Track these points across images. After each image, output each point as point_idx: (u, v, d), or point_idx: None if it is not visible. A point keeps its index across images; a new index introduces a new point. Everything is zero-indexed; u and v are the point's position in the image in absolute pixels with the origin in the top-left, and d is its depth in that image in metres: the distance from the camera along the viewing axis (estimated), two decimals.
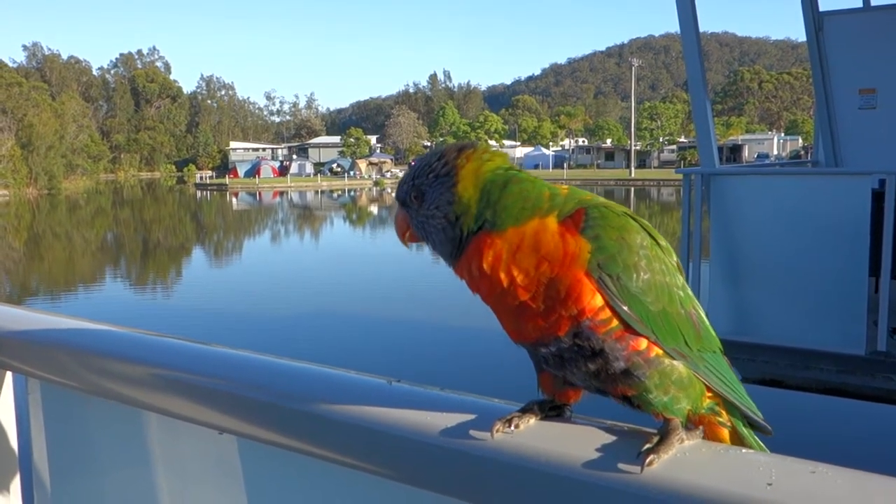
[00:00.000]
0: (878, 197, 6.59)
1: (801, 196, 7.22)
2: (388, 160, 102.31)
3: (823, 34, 11.18)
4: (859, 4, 11.41)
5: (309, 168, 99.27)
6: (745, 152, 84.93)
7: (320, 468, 1.04)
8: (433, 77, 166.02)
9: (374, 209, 58.25)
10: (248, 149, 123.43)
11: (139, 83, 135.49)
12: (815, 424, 8.38)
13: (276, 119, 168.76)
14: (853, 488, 0.71)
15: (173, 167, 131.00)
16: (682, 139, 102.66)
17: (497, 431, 0.87)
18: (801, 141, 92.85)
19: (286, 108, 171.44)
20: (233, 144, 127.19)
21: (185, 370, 1.18)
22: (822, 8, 11.27)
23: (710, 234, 7.28)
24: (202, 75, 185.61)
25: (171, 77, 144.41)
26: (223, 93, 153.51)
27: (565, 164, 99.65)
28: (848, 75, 11.05)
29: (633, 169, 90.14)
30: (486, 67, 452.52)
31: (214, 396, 1.13)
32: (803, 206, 7.07)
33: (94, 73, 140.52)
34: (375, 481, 0.98)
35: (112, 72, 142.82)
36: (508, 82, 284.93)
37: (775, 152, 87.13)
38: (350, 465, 0.99)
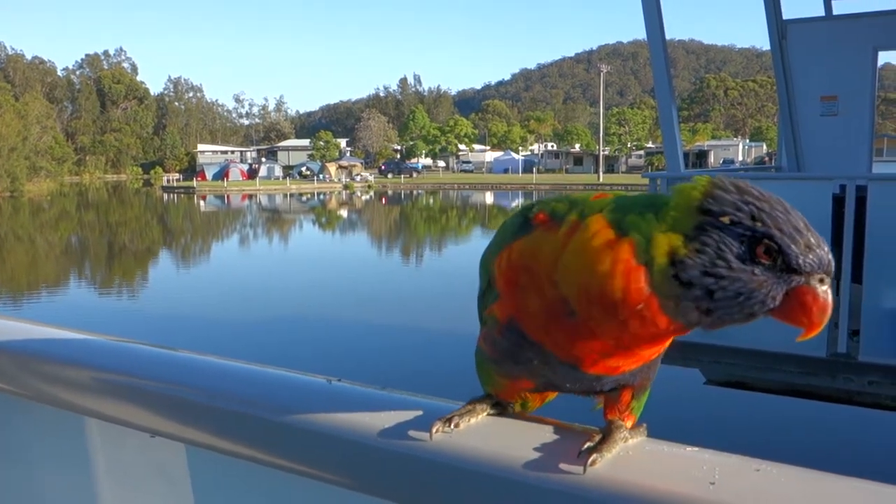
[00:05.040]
0: (838, 201, 6.71)
1: None
2: (358, 163, 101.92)
3: (787, 42, 11.36)
4: (822, 13, 11.62)
5: (278, 171, 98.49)
6: (711, 158, 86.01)
7: (256, 471, 1.00)
8: (403, 81, 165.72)
9: (343, 212, 58.02)
10: (216, 151, 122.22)
11: (105, 84, 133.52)
12: (778, 425, 8.49)
13: (245, 122, 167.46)
14: (798, 486, 0.70)
15: (139, 170, 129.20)
16: (650, 144, 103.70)
17: (436, 432, 0.83)
18: (765, 147, 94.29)
19: (255, 110, 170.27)
20: (201, 147, 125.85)
21: (117, 371, 1.14)
22: (785, 16, 11.46)
23: None
24: (170, 77, 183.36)
25: (138, 78, 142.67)
26: (191, 95, 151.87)
27: (534, 169, 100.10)
28: (810, 82, 11.24)
29: (601, 174, 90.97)
30: (457, 72, 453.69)
31: (147, 398, 1.09)
32: None
33: (59, 73, 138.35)
34: (312, 484, 0.94)
35: (77, 72, 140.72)
36: (479, 87, 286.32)
37: (740, 158, 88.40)
38: (286, 467, 0.96)
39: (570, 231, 0.75)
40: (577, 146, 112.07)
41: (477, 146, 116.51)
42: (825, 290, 0.71)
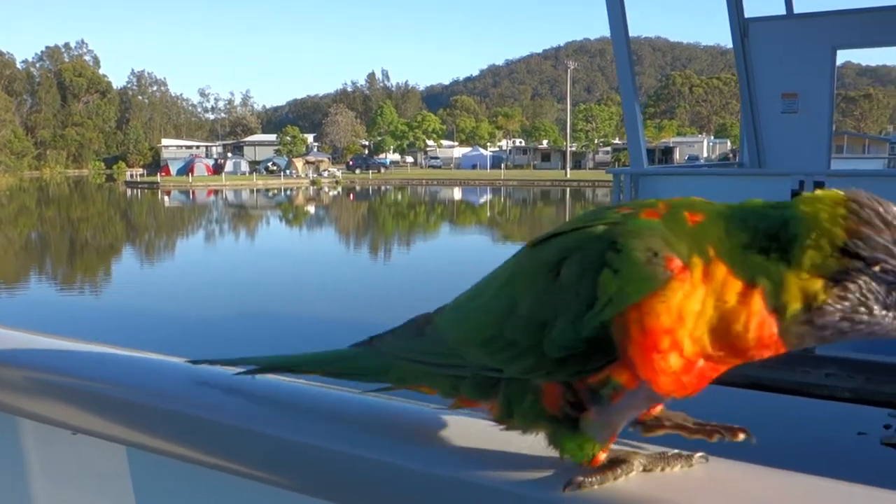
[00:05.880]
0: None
1: (725, 195, 7.37)
2: (326, 159, 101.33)
3: (749, 40, 11.52)
4: (783, 12, 11.81)
5: (244, 166, 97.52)
6: (677, 154, 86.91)
7: (195, 472, 0.97)
8: (371, 76, 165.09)
9: (310, 208, 57.65)
10: (181, 146, 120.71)
11: (66, 77, 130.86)
12: (738, 418, 8.61)
13: (211, 116, 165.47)
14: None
15: (102, 164, 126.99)
16: (617, 141, 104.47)
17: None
18: (729, 144, 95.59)
19: (221, 105, 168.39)
20: (165, 142, 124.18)
21: (51, 370, 1.11)
22: (747, 14, 11.62)
23: None
24: (133, 70, 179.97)
25: (101, 72, 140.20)
26: (155, 88, 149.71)
27: (503, 165, 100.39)
28: (771, 80, 11.41)
29: (568, 170, 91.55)
30: (425, 67, 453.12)
31: (81, 397, 1.06)
32: None
33: (18, 66, 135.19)
34: (248, 483, 0.92)
35: (37, 65, 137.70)
36: (447, 82, 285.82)
37: (705, 154, 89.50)
38: (220, 466, 0.94)
39: (701, 282, 0.67)
40: (545, 142, 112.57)
41: (445, 142, 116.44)
42: None
